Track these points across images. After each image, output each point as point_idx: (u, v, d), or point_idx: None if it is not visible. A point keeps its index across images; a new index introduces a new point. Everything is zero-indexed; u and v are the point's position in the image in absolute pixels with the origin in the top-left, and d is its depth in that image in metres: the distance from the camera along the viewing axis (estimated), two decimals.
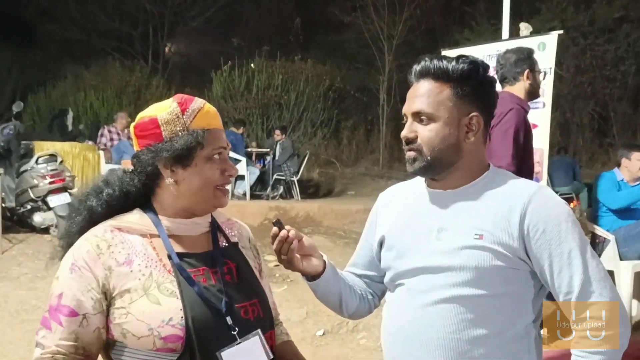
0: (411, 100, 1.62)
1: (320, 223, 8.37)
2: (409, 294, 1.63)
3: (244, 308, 1.54)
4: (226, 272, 1.56)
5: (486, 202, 1.60)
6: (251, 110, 13.76)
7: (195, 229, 1.59)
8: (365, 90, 15.61)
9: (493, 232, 1.54)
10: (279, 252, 1.65)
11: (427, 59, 1.63)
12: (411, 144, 1.60)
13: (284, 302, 5.43)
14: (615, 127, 13.94)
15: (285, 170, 10.47)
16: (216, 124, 1.56)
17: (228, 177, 1.56)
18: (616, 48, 13.61)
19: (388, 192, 1.85)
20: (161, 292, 1.45)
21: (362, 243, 1.87)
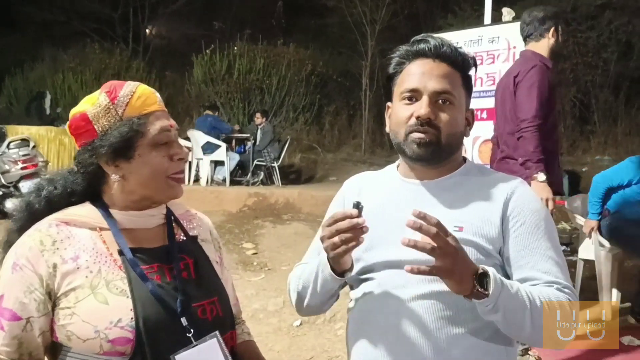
0: (430, 78, 1.54)
1: (300, 209, 8.29)
2: (381, 289, 1.53)
3: (202, 307, 1.44)
4: (183, 269, 1.45)
5: (464, 194, 1.55)
6: (232, 94, 13.60)
7: (149, 221, 1.48)
8: (348, 75, 15.47)
9: (473, 223, 1.50)
10: (340, 234, 1.39)
11: (442, 42, 1.58)
12: (428, 125, 1.52)
13: (261, 292, 5.36)
14: (596, 114, 13.94)
15: (265, 155, 10.36)
16: (154, 106, 1.43)
17: (179, 161, 1.44)
18: (598, 35, 13.57)
19: (356, 179, 1.77)
20: (110, 291, 1.34)
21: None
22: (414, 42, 1.61)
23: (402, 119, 1.55)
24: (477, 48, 5.15)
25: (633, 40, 13.50)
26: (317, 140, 14.20)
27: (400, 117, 1.55)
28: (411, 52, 1.59)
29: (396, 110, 1.59)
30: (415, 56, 1.58)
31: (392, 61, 1.65)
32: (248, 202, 8.39)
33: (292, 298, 1.72)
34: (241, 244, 6.78)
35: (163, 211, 1.52)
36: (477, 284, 1.33)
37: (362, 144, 14.36)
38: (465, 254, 1.35)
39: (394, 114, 1.60)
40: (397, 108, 1.59)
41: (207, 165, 9.89)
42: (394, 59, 1.64)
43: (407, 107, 1.55)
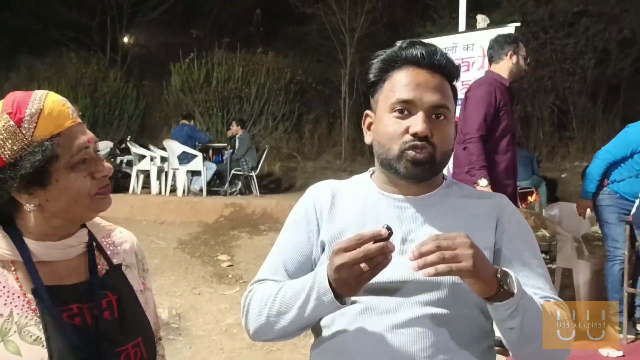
0: (425, 90, 1.42)
1: (278, 220, 8.18)
2: (369, 314, 1.39)
3: (125, 352, 1.28)
4: (105, 308, 1.29)
5: (450, 212, 1.47)
6: (211, 103, 13.48)
7: (69, 252, 1.31)
8: (328, 83, 15.43)
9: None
10: (369, 260, 1.22)
11: (435, 49, 1.46)
12: (425, 141, 1.41)
13: (235, 305, 5.24)
14: (574, 120, 14.02)
15: (243, 165, 10.25)
16: (67, 122, 1.25)
17: (103, 179, 1.28)
18: (576, 42, 13.68)
19: (324, 187, 1.60)
20: (22, 339, 1.18)
21: (293, 244, 1.55)
22: (403, 48, 1.47)
23: (395, 134, 1.43)
24: (453, 55, 5.09)
25: (609, 47, 13.61)
26: (296, 149, 14.12)
27: (392, 132, 1.43)
28: (400, 58, 1.46)
29: (385, 124, 1.45)
30: (405, 63, 1.46)
31: (374, 66, 1.51)
32: (224, 213, 8.27)
33: (253, 323, 1.49)
34: (216, 255, 6.66)
35: (84, 239, 1.35)
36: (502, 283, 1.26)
37: (342, 152, 14.31)
38: (481, 251, 1.25)
39: (382, 127, 1.46)
40: (386, 121, 1.45)
41: (183, 176, 9.75)
42: (376, 64, 1.50)
43: (399, 121, 1.43)
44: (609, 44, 13.59)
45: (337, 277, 1.25)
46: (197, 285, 5.69)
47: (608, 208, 4.63)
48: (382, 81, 1.49)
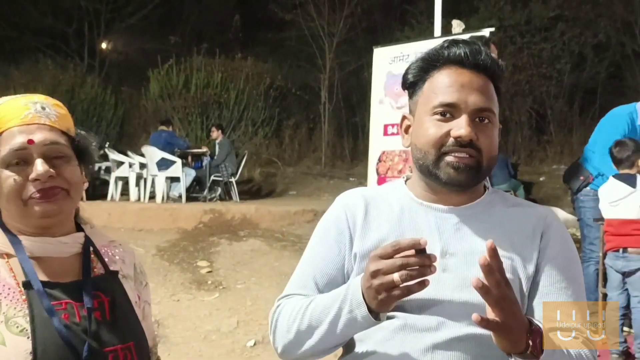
0: (470, 92, 1.33)
1: (257, 225, 8.16)
2: (407, 332, 1.30)
3: (114, 353, 1.27)
4: (96, 307, 1.29)
5: (496, 225, 1.38)
6: (190, 109, 13.44)
7: (62, 249, 1.32)
8: (307, 88, 15.46)
9: (510, 257, 1.33)
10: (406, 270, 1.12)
11: (479, 47, 1.36)
12: (470, 147, 1.31)
13: (214, 312, 5.22)
14: (552, 124, 14.18)
15: (223, 170, 10.21)
16: (13, 121, 1.28)
17: (36, 182, 1.26)
18: (552, 47, 13.84)
19: (356, 196, 1.48)
20: (8, 329, 1.18)
21: (323, 256, 1.43)
22: (445, 47, 1.37)
23: (435, 138, 1.32)
24: None
25: (585, 51, 13.79)
26: (276, 154, 14.12)
27: (432, 136, 1.33)
28: (442, 57, 1.37)
29: (425, 127, 1.35)
30: (447, 63, 1.36)
31: (414, 66, 1.42)
32: (204, 219, 8.23)
33: (281, 340, 1.38)
34: (195, 262, 6.62)
35: (80, 240, 1.36)
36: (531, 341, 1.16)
37: (322, 157, 14.33)
38: (519, 307, 1.17)
39: (421, 130, 1.36)
40: (426, 124, 1.35)
41: (162, 182, 9.69)
42: (416, 63, 1.41)
43: (441, 124, 1.33)
44: (584, 49, 13.78)
45: (369, 286, 1.16)
46: (176, 291, 5.65)
47: (589, 210, 4.68)
48: (422, 81, 1.40)
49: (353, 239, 1.41)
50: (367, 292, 1.18)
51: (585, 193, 4.72)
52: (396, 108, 5.29)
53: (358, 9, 14.67)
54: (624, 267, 4.05)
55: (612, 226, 4.13)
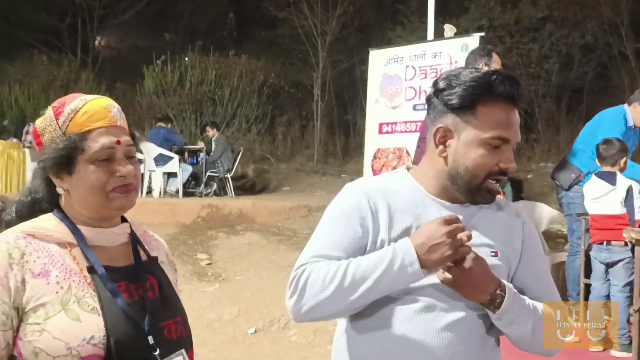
0: (517, 130, 1.56)
1: (254, 220, 8.37)
2: (427, 311, 1.53)
3: (167, 327, 1.45)
4: (148, 288, 1.47)
5: (491, 221, 1.64)
6: (184, 106, 13.59)
7: (114, 238, 1.49)
8: (300, 85, 15.63)
9: (503, 250, 1.60)
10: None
11: (523, 89, 1.57)
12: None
13: (216, 301, 5.43)
14: (540, 123, 14.40)
15: (218, 166, 10.40)
16: (100, 122, 1.43)
17: (121, 178, 1.43)
18: (540, 47, 14.05)
19: (376, 186, 1.65)
20: (81, 308, 1.34)
21: (346, 234, 1.58)
22: (499, 81, 1.52)
23: (488, 166, 1.53)
24: (422, 63, 5.37)
25: (572, 52, 14.02)
26: (270, 151, 14.29)
27: (486, 164, 1.53)
28: (497, 91, 1.52)
29: (478, 153, 1.53)
30: (501, 97, 1.53)
31: (463, 89, 1.54)
32: (202, 214, 8.43)
33: (310, 300, 1.51)
34: (195, 255, 6.83)
35: (127, 230, 1.53)
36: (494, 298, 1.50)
37: (314, 154, 14.51)
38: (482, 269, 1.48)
39: (473, 156, 1.54)
40: (478, 150, 1.53)
41: (159, 177, 9.87)
42: (467, 87, 1.54)
43: (491, 154, 1.52)
44: (572, 49, 14.01)
45: (438, 242, 1.43)
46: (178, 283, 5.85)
47: (578, 206, 4.91)
48: (473, 107, 1.53)
49: (379, 226, 1.57)
50: (432, 249, 1.45)
51: (576, 190, 4.94)
52: (391, 108, 5.53)
53: (350, 8, 14.83)
54: (607, 259, 4.31)
55: (596, 221, 4.38)
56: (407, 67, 5.54)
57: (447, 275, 1.46)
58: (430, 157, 1.63)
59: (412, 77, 5.50)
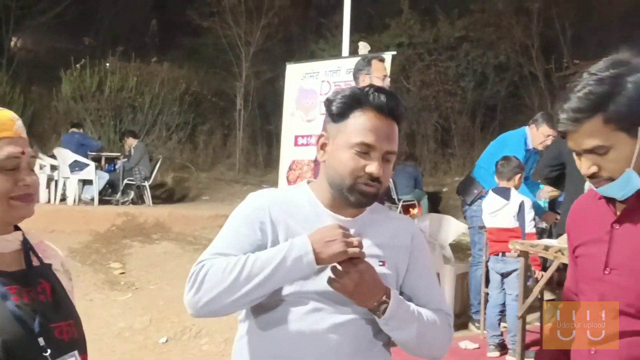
0: (385, 138, 1.67)
1: (170, 229, 8.32)
2: (315, 312, 1.64)
3: (59, 328, 1.48)
4: (40, 292, 1.51)
5: (379, 231, 1.75)
6: (103, 112, 13.30)
7: (6, 245, 1.53)
8: (223, 95, 15.59)
9: (391, 260, 1.72)
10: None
11: (398, 100, 1.69)
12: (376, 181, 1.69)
13: (127, 310, 5.40)
14: (456, 138, 14.91)
15: (136, 174, 10.25)
16: (6, 133, 1.48)
17: (24, 187, 1.49)
18: (457, 65, 14.59)
19: (278, 195, 1.79)
20: None
21: (247, 237, 1.68)
22: (371, 92, 1.66)
23: (353, 170, 1.64)
24: (336, 78, 5.53)
25: (487, 71, 14.64)
26: (190, 160, 14.18)
27: (351, 168, 1.64)
28: (368, 101, 1.65)
29: (346, 157, 1.65)
30: (371, 107, 1.65)
31: (341, 100, 1.69)
32: (117, 222, 8.31)
33: (208, 293, 1.59)
34: (108, 263, 6.74)
35: (20, 237, 1.56)
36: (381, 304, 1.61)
37: (236, 164, 14.51)
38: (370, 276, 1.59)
39: (342, 158, 1.66)
40: (346, 154, 1.65)
41: (74, 184, 9.65)
42: (343, 98, 1.68)
43: (358, 158, 1.64)
44: (486, 68, 14.62)
45: (332, 239, 1.55)
46: (89, 292, 5.78)
47: (478, 219, 5.17)
48: (346, 115, 1.67)
49: (277, 234, 1.68)
50: (327, 244, 1.57)
51: (478, 204, 5.20)
52: (306, 121, 5.67)
53: (275, 20, 14.98)
54: (502, 269, 4.59)
55: (493, 234, 4.66)
56: (323, 81, 5.70)
57: (337, 280, 1.57)
58: (321, 169, 1.76)
59: (327, 92, 5.65)
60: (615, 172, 1.45)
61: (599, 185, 1.50)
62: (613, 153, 1.43)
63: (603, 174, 1.46)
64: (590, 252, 1.58)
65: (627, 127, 1.41)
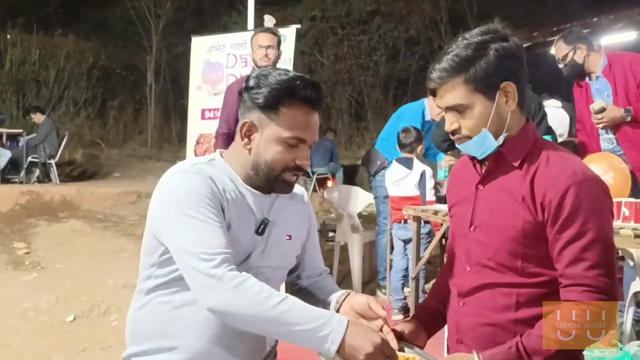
0: (314, 131, 1.72)
1: (79, 207, 8.11)
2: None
3: None
4: None
5: (284, 208, 1.80)
6: (4, 86, 12.72)
7: None
8: (133, 69, 15.19)
9: (295, 233, 1.82)
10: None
11: (323, 92, 1.70)
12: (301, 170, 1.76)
13: (32, 290, 5.26)
14: (369, 112, 15.17)
15: (41, 152, 9.85)
16: None
17: None
18: (369, 39, 14.81)
19: (215, 173, 1.68)
20: None
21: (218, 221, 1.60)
22: (301, 87, 1.64)
23: (284, 161, 1.66)
24: (242, 51, 5.53)
25: (398, 44, 14.92)
26: (100, 136, 13.81)
27: (282, 160, 1.65)
28: (299, 95, 1.64)
29: (277, 150, 1.65)
30: (302, 101, 1.65)
31: (269, 90, 1.65)
32: (20, 201, 8.01)
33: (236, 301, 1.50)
34: (12, 244, 6.52)
35: None
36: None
37: (148, 140, 14.25)
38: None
39: (271, 149, 1.66)
40: (277, 147, 1.65)
41: None
42: (272, 89, 1.64)
43: (288, 151, 1.65)
44: (398, 42, 14.91)
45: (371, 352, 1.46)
46: None
47: (383, 189, 5.33)
48: (275, 108, 1.64)
49: (225, 211, 1.63)
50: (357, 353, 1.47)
51: (382, 175, 5.36)
52: (213, 94, 5.65)
53: None
54: (404, 236, 4.77)
55: (395, 202, 4.83)
56: (229, 55, 5.67)
57: None
58: (237, 147, 1.74)
59: (233, 65, 5.65)
60: (473, 130, 1.57)
61: (460, 142, 1.62)
62: (471, 112, 1.56)
63: (463, 132, 1.58)
64: (460, 212, 1.72)
65: (484, 89, 1.54)
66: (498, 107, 1.55)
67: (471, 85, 1.53)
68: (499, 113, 1.55)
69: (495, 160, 1.61)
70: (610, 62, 3.93)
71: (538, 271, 1.54)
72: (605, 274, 1.46)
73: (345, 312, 1.69)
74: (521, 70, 1.58)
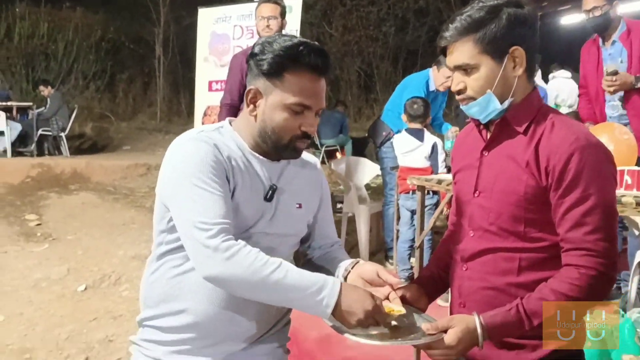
0: (320, 97, 1.70)
1: (89, 179, 8.17)
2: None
3: None
4: None
5: (295, 176, 1.79)
6: (13, 60, 12.75)
7: None
8: (142, 41, 15.13)
9: (306, 202, 1.80)
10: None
11: (329, 59, 1.68)
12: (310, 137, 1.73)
13: (44, 261, 5.34)
14: (378, 83, 15.09)
15: (52, 124, 9.92)
16: None
17: None
18: (378, 10, 14.67)
19: (218, 139, 1.68)
20: None
21: (222, 190, 1.60)
22: (305, 53, 1.62)
23: (290, 128, 1.64)
24: (249, 22, 5.51)
25: (408, 15, 14.77)
26: (110, 109, 13.83)
27: (288, 127, 1.64)
28: (303, 61, 1.62)
29: (282, 117, 1.64)
30: (306, 68, 1.63)
31: (273, 57, 1.63)
32: (32, 173, 8.09)
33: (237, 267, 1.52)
34: (23, 215, 6.59)
35: None
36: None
37: (157, 112, 14.25)
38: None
39: (277, 116, 1.64)
40: (282, 114, 1.64)
41: None
42: (276, 56, 1.63)
43: (294, 117, 1.63)
44: (407, 13, 14.76)
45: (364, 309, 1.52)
46: (3, 244, 5.66)
47: (390, 160, 5.33)
48: (279, 74, 1.62)
49: (229, 178, 1.64)
50: (351, 314, 1.53)
51: (388, 146, 5.35)
52: (220, 66, 5.64)
53: None
54: (412, 206, 4.77)
55: (404, 172, 4.83)
56: (235, 26, 5.66)
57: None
58: (244, 115, 1.74)
59: (239, 37, 5.64)
60: (478, 91, 1.58)
61: (464, 103, 1.63)
62: (477, 73, 1.57)
63: (468, 92, 1.59)
64: (464, 178, 1.73)
65: (492, 51, 1.55)
66: (505, 71, 1.56)
67: (480, 46, 1.54)
68: (505, 77, 1.56)
69: (501, 126, 1.62)
70: (629, 28, 3.90)
71: (540, 236, 1.55)
72: (604, 239, 1.47)
73: (353, 279, 1.71)
74: (532, 38, 1.58)
